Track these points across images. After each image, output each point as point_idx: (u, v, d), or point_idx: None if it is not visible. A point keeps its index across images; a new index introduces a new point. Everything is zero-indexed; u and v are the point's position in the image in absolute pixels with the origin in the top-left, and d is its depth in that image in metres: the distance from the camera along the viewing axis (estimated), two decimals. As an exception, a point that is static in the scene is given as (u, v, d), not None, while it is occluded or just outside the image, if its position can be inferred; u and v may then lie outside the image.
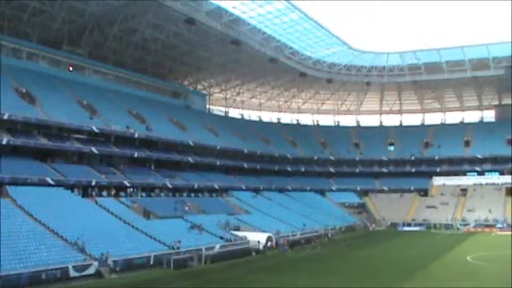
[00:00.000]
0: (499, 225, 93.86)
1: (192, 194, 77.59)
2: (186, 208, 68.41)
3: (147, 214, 61.64)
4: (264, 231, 66.68)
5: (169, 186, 73.49)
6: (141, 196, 68.19)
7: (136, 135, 72.15)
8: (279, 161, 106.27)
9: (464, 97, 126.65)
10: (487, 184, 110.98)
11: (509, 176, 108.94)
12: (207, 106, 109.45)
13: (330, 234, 79.20)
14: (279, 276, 44.71)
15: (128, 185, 66.99)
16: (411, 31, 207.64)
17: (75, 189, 59.40)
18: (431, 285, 39.94)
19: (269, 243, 63.01)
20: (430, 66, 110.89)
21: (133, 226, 54.83)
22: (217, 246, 56.18)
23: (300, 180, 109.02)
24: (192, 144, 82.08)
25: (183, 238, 54.09)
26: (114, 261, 43.72)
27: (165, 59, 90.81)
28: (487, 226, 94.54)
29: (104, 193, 63.09)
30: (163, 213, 63.17)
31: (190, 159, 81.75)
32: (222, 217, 68.75)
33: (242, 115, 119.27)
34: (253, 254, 58.57)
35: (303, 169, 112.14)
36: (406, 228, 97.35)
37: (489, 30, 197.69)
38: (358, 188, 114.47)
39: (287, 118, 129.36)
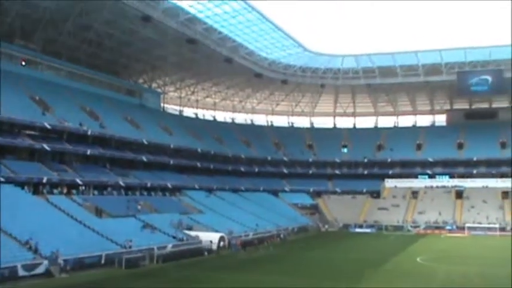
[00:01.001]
0: (448, 227, 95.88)
1: (145, 193, 77.06)
2: (139, 207, 67.97)
3: (99, 213, 61.12)
4: (216, 231, 66.62)
5: (122, 184, 72.83)
6: (94, 194, 67.46)
7: (89, 133, 71.24)
8: (232, 161, 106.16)
9: (417, 101, 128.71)
10: (437, 187, 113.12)
11: (459, 180, 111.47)
12: (162, 105, 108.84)
13: (282, 235, 79.59)
14: (231, 276, 44.63)
15: (80, 182, 66.21)
16: (367, 35, 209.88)
17: (26, 187, 58.46)
18: (382, 285, 40.35)
19: (222, 243, 62.94)
20: (384, 69, 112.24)
21: (84, 225, 54.16)
22: (170, 245, 55.93)
23: (253, 181, 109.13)
24: (146, 142, 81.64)
25: (136, 237, 53.74)
26: (65, 260, 43.11)
27: (120, 56, 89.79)
28: (437, 228, 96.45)
29: (56, 191, 62.19)
30: (116, 212, 62.69)
31: (144, 158, 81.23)
32: (175, 216, 68.31)
33: (196, 114, 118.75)
34: (206, 253, 58.62)
35: (256, 169, 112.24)
36: (358, 230, 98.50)
37: (442, 36, 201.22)
38: (311, 189, 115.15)
39: (241, 118, 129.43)
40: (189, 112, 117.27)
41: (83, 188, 66.72)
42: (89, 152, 71.03)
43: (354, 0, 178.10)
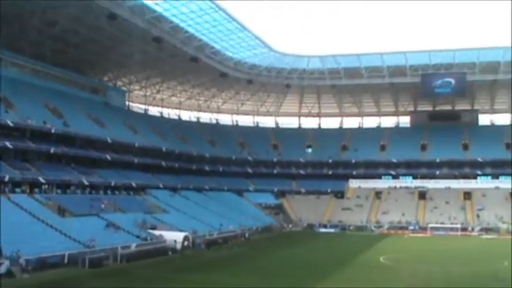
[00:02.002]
0: (411, 228, 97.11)
1: (109, 192, 76.43)
2: (103, 206, 67.39)
3: (62, 212, 60.57)
4: (181, 230, 66.30)
5: (86, 183, 72.23)
6: (57, 193, 66.71)
7: (53, 131, 70.35)
8: (197, 161, 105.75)
9: (382, 102, 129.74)
10: (401, 188, 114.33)
11: (422, 181, 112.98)
12: (127, 103, 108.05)
13: (246, 234, 79.71)
14: (195, 275, 44.63)
15: (43, 181, 65.47)
16: (332, 36, 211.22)
17: (-13, 185, 57.71)
18: (345, 284, 40.60)
19: (186, 243, 62.67)
20: (349, 71, 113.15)
21: (47, 224, 53.65)
22: (134, 245, 55.52)
23: (217, 180, 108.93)
24: (110, 141, 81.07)
25: (99, 236, 53.28)
26: (27, 260, 42.53)
27: (85, 53, 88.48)
28: (400, 228, 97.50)
29: (18, 189, 61.36)
30: (79, 211, 62.15)
31: (108, 157, 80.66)
32: (139, 216, 67.99)
33: (161, 113, 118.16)
34: (170, 253, 58.40)
35: (221, 169, 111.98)
36: (322, 230, 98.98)
37: (407, 39, 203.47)
38: (276, 189, 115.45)
39: (206, 118, 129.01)
40: (154, 111, 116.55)
41: (46, 186, 65.87)
42: (52, 151, 70.09)
43: (319, 0, 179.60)
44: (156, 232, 63.45)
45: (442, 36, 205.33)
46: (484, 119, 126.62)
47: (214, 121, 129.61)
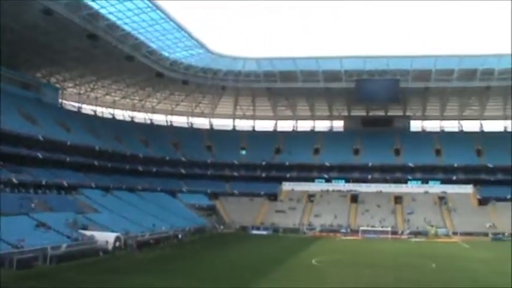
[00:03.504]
0: (343, 230, 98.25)
1: (40, 191, 74.76)
2: (33, 205, 66.03)
3: (-11, 210, 58.98)
4: (112, 231, 65.42)
5: (15, 181, 70.57)
6: (-16, 191, 65.04)
7: (-19, 127, 68.61)
8: (130, 160, 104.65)
9: (316, 106, 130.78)
10: (333, 191, 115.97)
11: (355, 184, 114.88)
12: (60, 100, 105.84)
13: (179, 236, 79.21)
14: (126, 277, 44.06)
15: (-30, 179, 63.77)
16: (269, 39, 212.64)
17: None
18: (277, 286, 40.96)
19: (117, 244, 62.01)
20: (285, 74, 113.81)
21: (-26, 223, 52.17)
22: (64, 245, 54.49)
23: (151, 181, 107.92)
24: (41, 139, 79.30)
25: (28, 237, 52.12)
26: (-49, 261, 41.35)
27: (18, 49, 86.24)
28: (332, 231, 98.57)
29: None
30: (8, 210, 60.25)
31: (39, 155, 78.99)
32: (70, 215, 66.66)
33: (95, 112, 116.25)
34: (101, 254, 57.62)
35: (154, 169, 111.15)
36: (255, 232, 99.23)
37: (342, 44, 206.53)
38: (209, 191, 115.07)
39: (141, 117, 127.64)
40: (88, 109, 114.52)
41: (-27, 184, 64.28)
42: (-20, 147, 68.41)
43: (257, 0, 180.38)
44: (88, 232, 62.51)
45: (377, 43, 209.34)
46: (415, 125, 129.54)
47: (148, 121, 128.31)
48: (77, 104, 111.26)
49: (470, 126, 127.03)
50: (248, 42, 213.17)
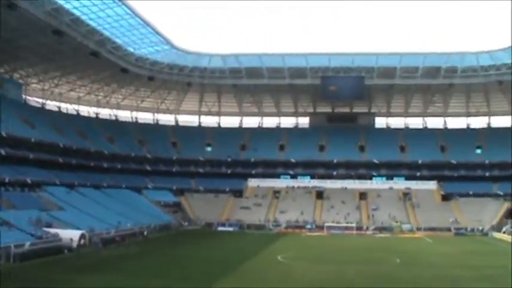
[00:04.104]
0: (308, 226, 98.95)
1: (3, 188, 73.55)
2: (-5, 203, 65.25)
3: (-50, 208, 58.14)
4: (77, 228, 64.79)
5: (-23, 179, 69.61)
6: None
7: None
8: (95, 157, 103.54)
9: (282, 103, 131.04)
10: (299, 187, 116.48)
11: (320, 180, 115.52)
12: (23, 96, 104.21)
13: (145, 233, 78.95)
14: (91, 275, 43.52)
15: None
16: (235, 35, 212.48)
17: None
18: (243, 283, 40.81)
19: (82, 241, 61.42)
20: (250, 71, 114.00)
21: None
22: (28, 243, 53.59)
23: (116, 177, 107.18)
24: (4, 135, 78.11)
25: (-9, 235, 51.40)
26: None
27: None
28: (298, 227, 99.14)
29: None
30: (-31, 208, 59.82)
31: (2, 151, 77.80)
32: (34, 213, 65.84)
33: (60, 108, 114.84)
34: (66, 252, 57.09)
35: (119, 166, 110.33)
36: (221, 228, 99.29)
37: (308, 41, 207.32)
38: (175, 187, 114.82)
39: (106, 113, 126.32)
40: (52, 105, 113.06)
41: None
42: None
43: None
44: (52, 230, 61.78)
45: (343, 41, 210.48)
46: (380, 122, 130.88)
47: (113, 117, 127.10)
48: (41, 100, 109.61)
49: (434, 123, 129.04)
50: (215, 39, 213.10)
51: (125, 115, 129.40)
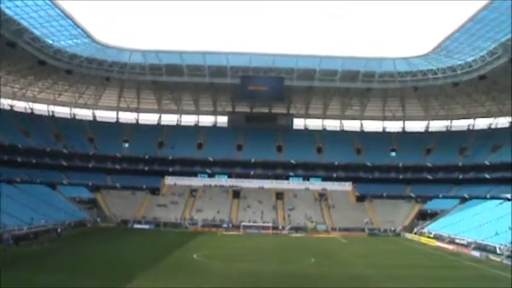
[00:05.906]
0: (224, 225, 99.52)
1: None
2: None
3: None
4: (-12, 224, 63.36)
5: None
6: None
7: None
8: (8, 151, 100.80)
9: (201, 101, 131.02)
10: (216, 186, 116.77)
11: (237, 180, 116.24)
12: None
13: (59, 229, 77.37)
14: (1, 272, 42.42)
15: None
16: (156, 31, 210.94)
17: None
18: (158, 282, 40.95)
19: (-7, 238, 60.11)
20: (171, 67, 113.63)
21: None
22: None
23: (30, 172, 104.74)
24: None
25: None
26: None
27: None
28: (214, 226, 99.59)
29: None
30: None
31: None
32: None
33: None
34: (-24, 248, 55.64)
35: (34, 161, 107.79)
36: (137, 226, 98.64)
37: (229, 40, 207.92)
38: (90, 183, 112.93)
39: (21, 106, 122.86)
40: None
41: None
42: None
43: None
44: (-39, 226, 60.15)
45: (264, 41, 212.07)
46: (298, 123, 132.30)
47: (29, 110, 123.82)
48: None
49: (351, 125, 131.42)
50: (137, 35, 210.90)
51: (41, 108, 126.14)
